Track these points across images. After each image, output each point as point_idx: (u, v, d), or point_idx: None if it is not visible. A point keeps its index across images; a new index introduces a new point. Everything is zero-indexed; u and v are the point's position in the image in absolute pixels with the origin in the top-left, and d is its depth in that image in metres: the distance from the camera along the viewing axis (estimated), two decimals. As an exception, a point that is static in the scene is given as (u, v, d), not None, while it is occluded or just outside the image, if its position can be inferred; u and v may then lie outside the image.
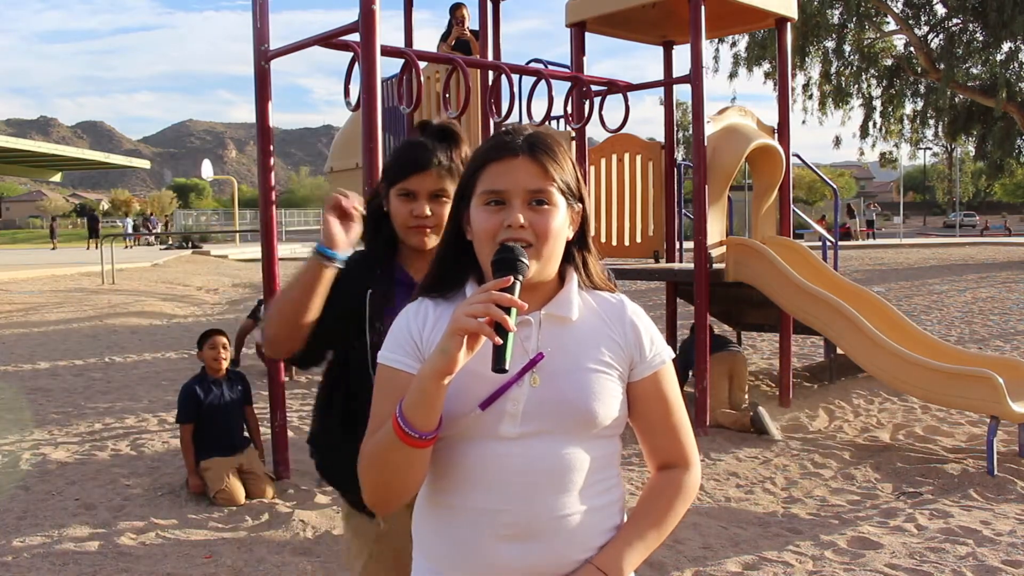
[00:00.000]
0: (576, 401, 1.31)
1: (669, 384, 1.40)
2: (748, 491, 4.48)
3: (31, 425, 6.15)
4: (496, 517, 1.29)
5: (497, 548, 1.29)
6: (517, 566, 1.29)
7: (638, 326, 1.39)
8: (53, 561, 3.61)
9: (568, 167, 1.37)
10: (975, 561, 3.50)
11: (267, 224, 4.82)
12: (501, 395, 1.29)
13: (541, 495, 1.29)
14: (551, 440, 1.31)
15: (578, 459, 1.32)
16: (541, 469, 1.30)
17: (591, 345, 1.35)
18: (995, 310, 11.61)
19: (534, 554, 1.29)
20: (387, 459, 1.27)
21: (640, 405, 1.39)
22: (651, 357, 1.39)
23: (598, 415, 1.32)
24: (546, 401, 1.30)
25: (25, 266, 22.10)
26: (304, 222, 61.49)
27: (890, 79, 24.28)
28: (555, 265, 1.36)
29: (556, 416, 1.31)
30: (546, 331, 1.34)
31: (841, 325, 5.39)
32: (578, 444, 1.32)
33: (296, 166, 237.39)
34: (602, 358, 1.35)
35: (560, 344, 1.34)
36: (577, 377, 1.32)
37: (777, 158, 6.30)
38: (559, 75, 5.65)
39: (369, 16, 3.93)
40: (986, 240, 32.26)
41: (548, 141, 1.36)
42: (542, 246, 1.31)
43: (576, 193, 1.38)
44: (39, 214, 74.81)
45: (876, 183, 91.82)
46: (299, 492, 4.54)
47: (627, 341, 1.38)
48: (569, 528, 1.30)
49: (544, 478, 1.30)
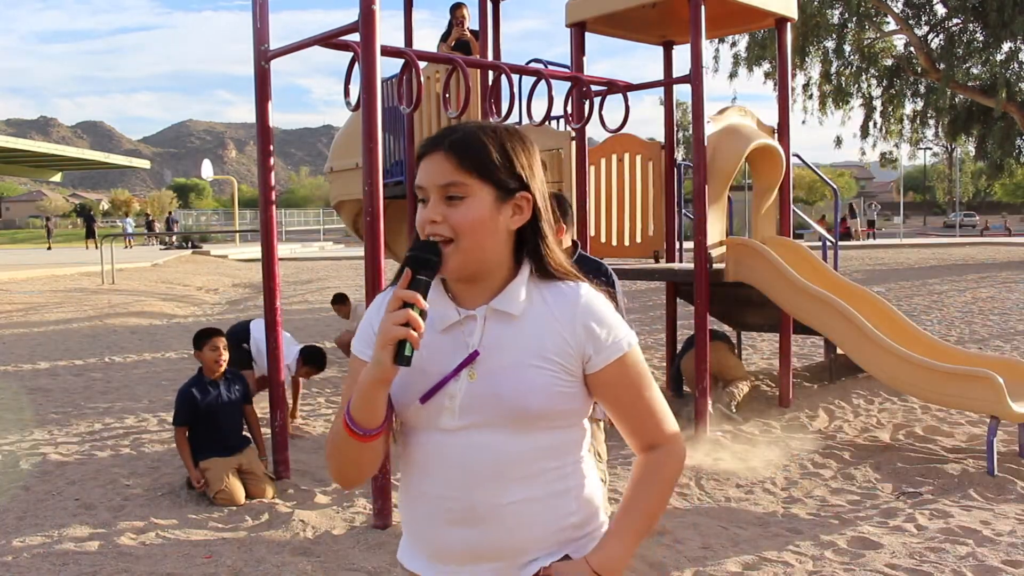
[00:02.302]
0: (509, 397, 1.33)
1: (632, 369, 1.38)
2: (748, 491, 4.48)
3: (31, 425, 6.16)
4: (442, 503, 1.37)
5: (447, 531, 1.37)
6: (462, 549, 1.37)
7: (588, 319, 1.36)
8: (53, 561, 3.61)
9: (499, 156, 1.34)
10: (975, 561, 3.50)
11: (267, 224, 4.82)
12: (438, 390, 1.35)
13: (480, 484, 1.34)
14: (490, 432, 1.34)
15: (518, 450, 1.35)
16: (479, 459, 1.34)
17: (534, 341, 1.35)
18: (995, 310, 11.61)
19: (476, 539, 1.36)
20: (342, 448, 1.35)
21: (606, 393, 1.39)
22: (608, 347, 1.36)
23: (531, 410, 1.33)
24: (481, 396, 1.34)
25: (25, 266, 22.10)
26: (304, 222, 61.48)
27: (890, 79, 24.26)
28: (490, 257, 1.36)
29: (491, 410, 1.34)
30: (490, 326, 1.36)
31: (841, 325, 5.39)
32: (519, 435, 1.35)
33: (296, 166, 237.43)
34: (544, 354, 1.35)
35: (501, 340, 1.36)
36: (513, 373, 1.34)
37: (777, 158, 6.30)
38: (559, 75, 5.64)
39: (369, 16, 3.93)
40: (986, 240, 32.26)
41: (472, 132, 1.36)
42: (460, 240, 1.32)
43: (515, 181, 1.35)
44: (39, 214, 74.82)
45: (876, 183, 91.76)
46: (299, 492, 4.55)
47: (576, 336, 1.36)
48: (510, 516, 1.35)
49: (482, 467, 1.34)
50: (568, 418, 1.39)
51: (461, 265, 1.34)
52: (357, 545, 3.78)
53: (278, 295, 4.85)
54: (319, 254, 32.49)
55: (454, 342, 1.37)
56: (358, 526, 4.03)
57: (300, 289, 17.71)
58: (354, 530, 3.97)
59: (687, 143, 29.05)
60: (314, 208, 68.32)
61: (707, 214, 5.69)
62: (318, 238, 45.33)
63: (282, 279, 5.70)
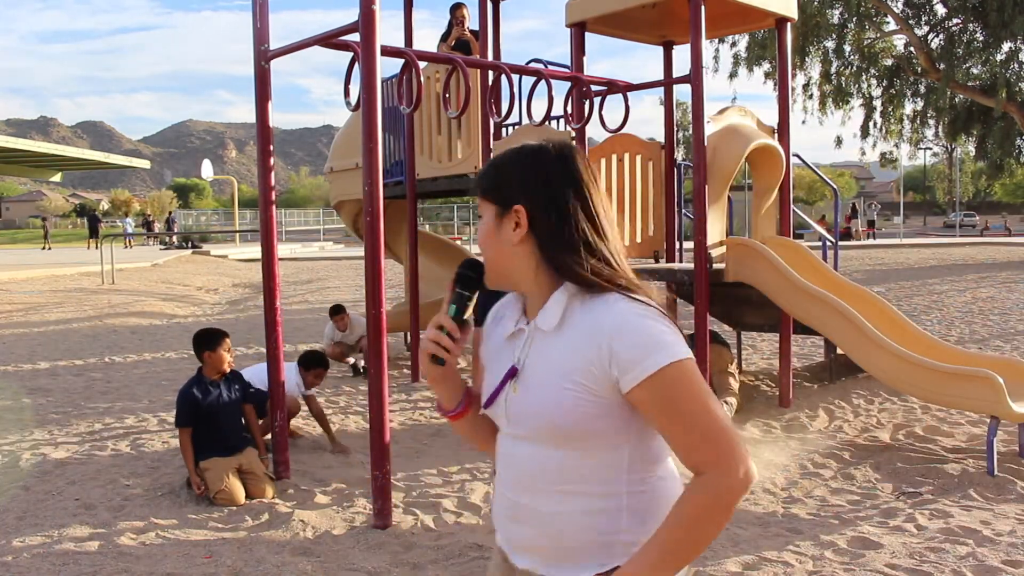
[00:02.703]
0: (541, 415, 1.37)
1: (665, 390, 1.30)
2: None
3: (31, 425, 6.15)
4: (503, 497, 1.50)
5: (506, 522, 1.50)
6: (517, 540, 1.49)
7: (614, 339, 1.32)
8: (53, 561, 3.61)
9: (496, 173, 1.43)
10: (975, 561, 3.50)
11: (267, 224, 4.82)
12: (495, 399, 1.46)
13: (524, 490, 1.44)
14: (533, 444, 1.41)
15: (557, 465, 1.39)
16: (523, 467, 1.43)
17: (567, 359, 1.36)
18: (995, 310, 11.61)
19: (526, 536, 1.46)
20: (452, 424, 1.61)
21: (643, 413, 1.35)
22: (635, 369, 1.30)
23: (562, 428, 1.36)
24: (521, 410, 1.41)
25: (25, 266, 22.09)
26: (304, 222, 61.46)
27: (890, 79, 24.26)
28: (510, 270, 1.43)
29: (530, 424, 1.40)
30: (535, 342, 1.42)
31: (841, 325, 5.39)
32: (560, 451, 1.38)
33: (296, 166, 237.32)
34: (573, 376, 1.34)
35: (539, 356, 1.40)
36: (543, 392, 1.37)
37: (777, 158, 6.30)
38: (559, 75, 5.64)
39: (369, 16, 3.92)
40: (986, 240, 32.26)
41: (495, 155, 1.51)
42: (482, 255, 1.47)
43: (510, 196, 1.40)
44: (39, 214, 74.86)
45: (876, 183, 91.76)
46: (299, 492, 4.54)
47: (600, 357, 1.32)
48: (549, 524, 1.41)
49: (524, 475, 1.43)
50: (609, 437, 1.36)
51: (488, 278, 1.46)
52: (357, 545, 3.78)
53: (278, 295, 4.85)
54: (319, 254, 32.50)
55: (511, 352, 1.46)
56: (358, 526, 4.03)
57: (300, 289, 17.71)
58: (354, 530, 3.97)
59: (687, 143, 29.04)
60: (314, 208, 68.32)
61: (707, 214, 5.69)
62: (318, 238, 45.34)
63: (282, 279, 5.69)
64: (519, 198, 1.39)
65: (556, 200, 1.38)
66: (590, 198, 1.40)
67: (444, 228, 44.45)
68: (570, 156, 1.42)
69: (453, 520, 4.10)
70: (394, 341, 9.65)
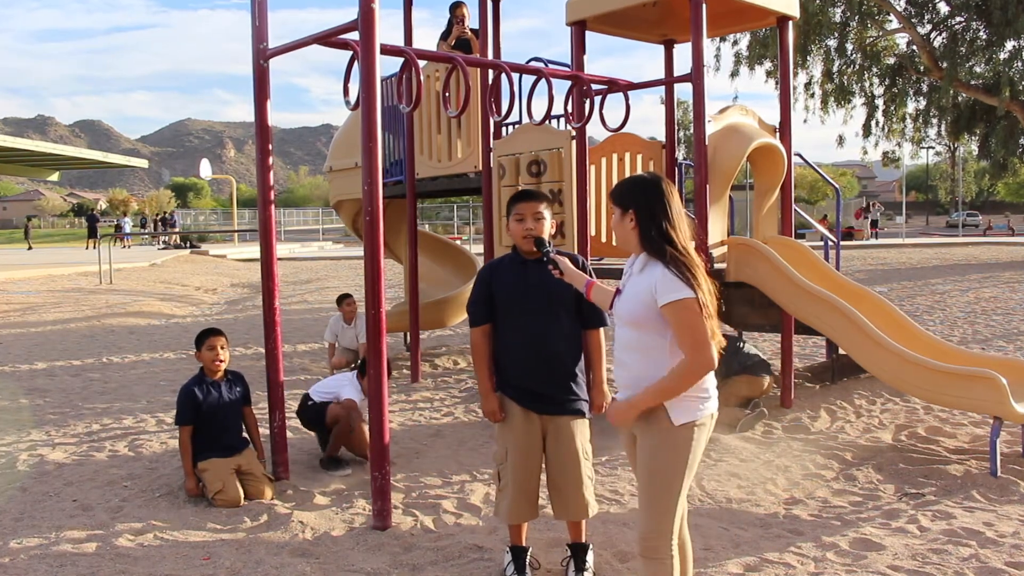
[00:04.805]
0: (629, 311, 2.66)
1: (673, 312, 2.50)
2: (749, 492, 4.46)
3: (28, 426, 6.13)
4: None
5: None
6: (618, 381, 2.78)
7: (656, 283, 2.57)
8: (50, 563, 3.59)
9: (623, 189, 2.72)
10: (978, 563, 3.48)
11: (266, 223, 4.80)
12: (612, 303, 2.82)
13: (621, 349, 2.73)
14: (624, 327, 2.72)
15: (633, 338, 2.66)
16: (620, 339, 2.73)
17: (640, 288, 2.63)
18: (998, 310, 11.59)
19: (620, 377, 2.76)
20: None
21: (667, 320, 2.55)
22: (662, 299, 2.53)
23: (636, 319, 2.63)
24: (620, 308, 2.73)
25: (23, 266, 22.07)
26: (303, 222, 61.46)
27: (892, 78, 24.24)
28: (627, 244, 2.72)
29: (623, 316, 2.70)
30: (631, 277, 2.72)
31: (843, 325, 5.37)
32: (635, 331, 2.65)
33: (295, 165, 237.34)
34: (641, 296, 2.63)
35: (631, 284, 2.71)
36: (631, 301, 2.66)
37: (779, 157, 6.27)
38: (559, 74, 5.61)
39: (368, 15, 3.90)
40: (989, 240, 32.27)
41: (622, 181, 2.77)
42: (615, 235, 2.81)
43: (627, 203, 2.69)
44: (36, 213, 75.01)
45: (878, 182, 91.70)
46: (298, 493, 4.52)
47: (651, 290, 2.58)
48: (628, 368, 2.71)
49: (621, 343, 2.74)
50: (659, 328, 2.56)
51: (617, 243, 3.08)
52: (356, 546, 3.76)
53: (277, 295, 4.83)
54: (318, 254, 32.49)
55: (623, 281, 2.76)
56: (357, 527, 4.01)
57: (299, 289, 17.68)
58: (353, 531, 3.95)
59: (688, 142, 29.03)
60: (313, 208, 68.32)
61: (708, 214, 5.66)
62: (317, 238, 45.31)
63: (281, 279, 5.66)
64: (631, 205, 2.65)
65: (650, 208, 2.61)
66: (669, 207, 2.60)
67: (444, 228, 44.43)
68: (660, 183, 2.64)
69: (453, 521, 4.08)
70: (393, 341, 9.63)
